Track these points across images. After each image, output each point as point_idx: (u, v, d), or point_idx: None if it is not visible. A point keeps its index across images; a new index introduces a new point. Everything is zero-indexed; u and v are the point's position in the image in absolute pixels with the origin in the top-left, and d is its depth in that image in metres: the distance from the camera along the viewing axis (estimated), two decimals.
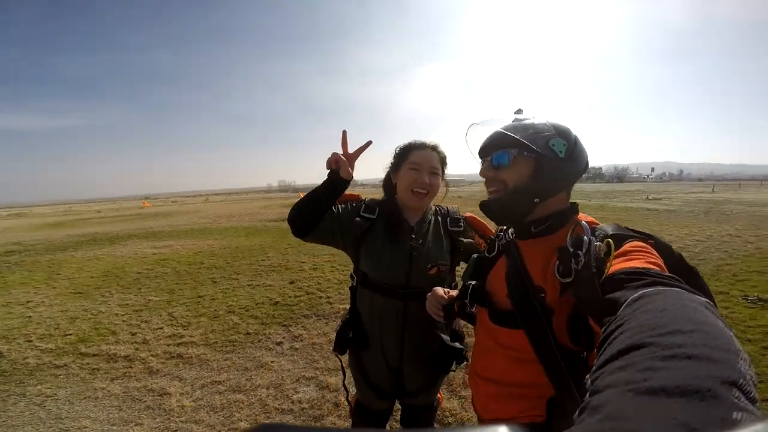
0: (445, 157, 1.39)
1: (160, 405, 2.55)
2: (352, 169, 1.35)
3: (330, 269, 6.04)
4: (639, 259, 0.65)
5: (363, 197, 1.45)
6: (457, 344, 1.34)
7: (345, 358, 1.49)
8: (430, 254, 1.32)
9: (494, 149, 0.93)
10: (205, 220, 15.41)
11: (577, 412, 0.32)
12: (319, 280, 5.46)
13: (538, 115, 0.95)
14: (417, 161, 1.32)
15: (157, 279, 5.99)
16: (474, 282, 1.03)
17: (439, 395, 1.58)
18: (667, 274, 0.58)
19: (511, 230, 1.02)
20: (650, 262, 0.63)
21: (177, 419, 2.39)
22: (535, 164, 0.88)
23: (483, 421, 1.00)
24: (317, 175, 1.32)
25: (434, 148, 1.35)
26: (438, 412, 2.22)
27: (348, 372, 1.53)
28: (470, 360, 1.09)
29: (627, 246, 0.70)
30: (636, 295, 0.50)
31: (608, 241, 0.71)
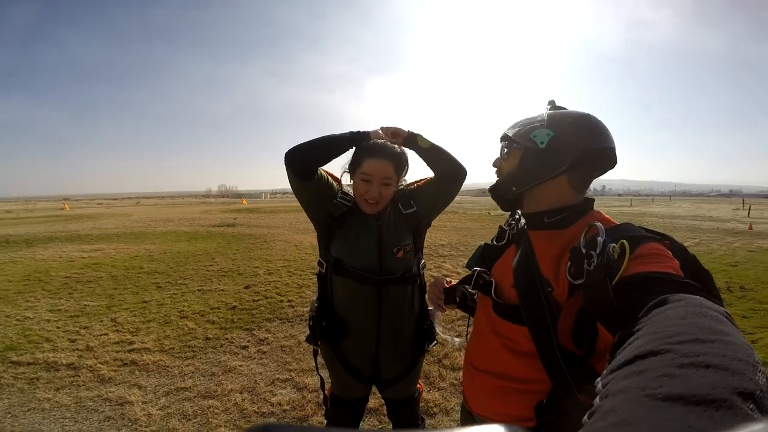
0: (402, 162, 1.36)
1: (123, 415, 2.32)
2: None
3: (287, 274, 5.87)
4: (656, 263, 0.63)
5: (342, 185, 1.44)
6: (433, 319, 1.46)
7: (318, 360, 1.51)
8: (394, 239, 1.37)
9: (501, 141, 1.00)
10: (137, 224, 14.16)
11: (586, 416, 0.31)
12: (277, 284, 5.28)
13: (569, 106, 0.97)
14: (369, 172, 1.29)
15: (91, 284, 5.42)
16: (479, 269, 1.03)
17: (419, 385, 1.61)
18: (687, 280, 0.57)
19: (523, 220, 1.01)
20: (668, 266, 0.62)
21: (146, 429, 2.19)
22: (521, 155, 0.92)
23: (475, 417, 1.00)
24: (261, 180, 1.28)
25: (389, 156, 1.31)
26: (422, 404, 2.25)
27: (324, 373, 1.53)
28: (466, 352, 1.07)
29: (643, 248, 0.68)
30: (655, 300, 0.49)
31: (623, 243, 0.67)
